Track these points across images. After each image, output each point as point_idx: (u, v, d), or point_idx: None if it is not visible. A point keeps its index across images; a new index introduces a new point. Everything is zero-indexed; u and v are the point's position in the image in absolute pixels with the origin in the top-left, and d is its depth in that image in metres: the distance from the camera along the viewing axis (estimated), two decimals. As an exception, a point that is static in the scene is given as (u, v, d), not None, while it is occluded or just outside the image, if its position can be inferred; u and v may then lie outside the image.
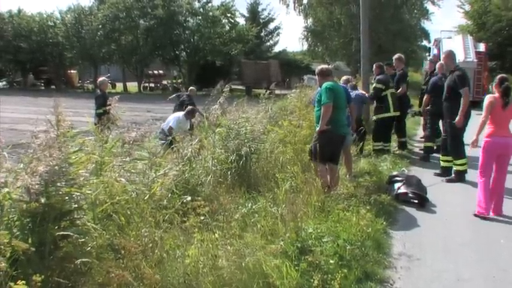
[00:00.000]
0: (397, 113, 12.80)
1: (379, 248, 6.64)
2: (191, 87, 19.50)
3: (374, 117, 13.07)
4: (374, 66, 13.46)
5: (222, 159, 8.86)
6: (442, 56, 11.50)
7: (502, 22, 46.10)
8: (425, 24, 55.44)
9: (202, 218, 6.03)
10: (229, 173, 8.60)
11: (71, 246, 4.78)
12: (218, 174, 8.39)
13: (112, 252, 5.15)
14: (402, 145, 13.61)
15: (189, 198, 6.53)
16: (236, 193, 7.90)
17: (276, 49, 64.17)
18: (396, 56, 14.14)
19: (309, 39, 48.79)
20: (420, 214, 8.48)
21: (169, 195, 6.67)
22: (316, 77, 9.10)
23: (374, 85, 12.91)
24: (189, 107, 13.84)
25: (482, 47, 32.37)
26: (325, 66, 9.38)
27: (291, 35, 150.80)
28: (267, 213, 6.94)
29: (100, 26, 52.26)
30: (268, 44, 63.96)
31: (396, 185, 9.04)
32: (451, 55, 10.72)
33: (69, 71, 58.70)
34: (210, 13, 51.45)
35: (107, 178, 6.01)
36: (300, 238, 6.17)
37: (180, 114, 13.53)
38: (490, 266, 6.15)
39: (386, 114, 12.50)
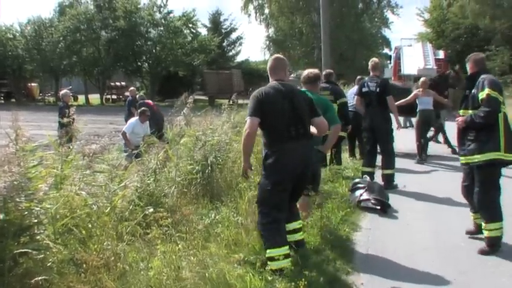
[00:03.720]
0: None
1: (342, 254, 6.66)
2: (131, 88, 19.44)
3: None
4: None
5: (186, 170, 8.84)
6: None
7: (460, 30, 47.12)
8: (386, 33, 56.38)
9: (165, 229, 6.01)
10: (193, 183, 8.58)
11: (31, 262, 4.72)
12: (182, 185, 8.37)
13: (74, 266, 5.10)
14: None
15: (151, 209, 6.51)
16: (200, 203, 7.90)
17: (239, 59, 64.27)
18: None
19: (271, 48, 49.22)
20: (382, 220, 8.56)
21: (131, 207, 6.63)
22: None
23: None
24: (141, 109, 13.70)
25: (441, 54, 32.99)
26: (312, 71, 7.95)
27: (253, 44, 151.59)
28: (230, 223, 6.97)
29: (61, 38, 51.61)
30: (230, 54, 64.03)
31: (358, 192, 9.09)
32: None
33: (29, 84, 57.73)
34: (172, 24, 51.26)
35: (67, 192, 5.95)
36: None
37: (135, 118, 13.43)
38: (451, 269, 6.22)
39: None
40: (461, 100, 7.15)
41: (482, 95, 6.55)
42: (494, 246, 6.66)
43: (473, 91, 6.77)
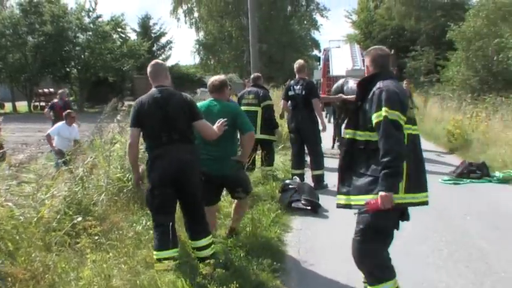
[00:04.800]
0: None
1: (274, 255, 6.71)
2: (60, 90, 19.11)
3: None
4: None
5: (116, 177, 8.75)
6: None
7: (387, 31, 48.20)
8: (315, 35, 57.10)
9: (96, 238, 5.96)
10: (124, 190, 8.50)
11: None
12: (112, 193, 8.28)
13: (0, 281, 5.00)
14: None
15: (80, 218, 6.43)
16: (130, 210, 7.84)
17: (169, 63, 63.75)
18: None
19: (201, 52, 49.13)
20: (313, 220, 8.70)
21: (59, 216, 6.53)
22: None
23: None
24: (67, 111, 13.47)
25: (368, 54, 33.54)
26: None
27: (183, 48, 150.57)
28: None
29: (-15, 44, 50.10)
30: (160, 58, 63.54)
31: (289, 193, 9.21)
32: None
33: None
34: (101, 28, 50.39)
35: (-8, 203, 5.83)
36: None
37: (61, 122, 13.19)
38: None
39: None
40: (349, 115, 5.27)
41: (377, 117, 4.53)
42: None
43: (365, 105, 4.75)
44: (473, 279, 6.17)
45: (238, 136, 6.88)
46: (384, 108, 4.46)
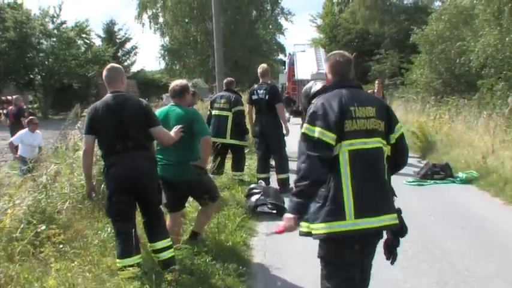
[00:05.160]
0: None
1: (240, 260, 6.71)
2: (16, 96, 18.91)
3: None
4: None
5: (81, 184, 8.66)
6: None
7: (351, 35, 48.65)
8: (281, 39, 57.37)
9: (60, 246, 5.90)
10: (89, 197, 8.42)
11: None
12: (76, 201, 8.19)
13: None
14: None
15: (43, 227, 6.35)
16: (95, 218, 7.77)
17: (134, 69, 63.33)
18: None
19: (166, 57, 48.92)
20: (279, 224, 8.70)
21: (22, 226, 6.44)
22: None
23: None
24: (29, 118, 13.31)
25: (333, 59, 33.78)
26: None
27: (148, 54, 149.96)
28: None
29: None
30: (125, 64, 63.00)
31: (254, 197, 9.21)
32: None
33: None
34: (65, 34, 49.83)
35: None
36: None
37: (24, 129, 13.02)
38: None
39: None
40: None
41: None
42: None
43: None
44: (437, 278, 6.27)
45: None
46: (304, 125, 4.12)
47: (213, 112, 11.39)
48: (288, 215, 4.19)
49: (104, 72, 6.01)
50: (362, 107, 4.11)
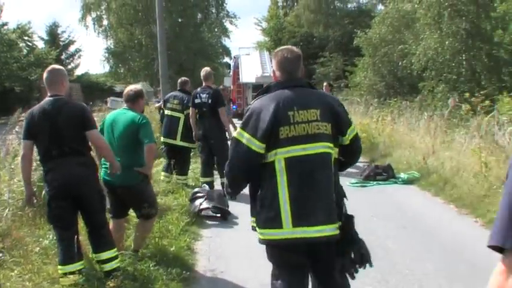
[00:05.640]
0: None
1: (184, 265, 6.69)
2: None
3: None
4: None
5: (20, 190, 8.45)
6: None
7: (296, 38, 48.97)
8: (226, 42, 57.40)
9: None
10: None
11: None
12: (16, 207, 7.99)
13: None
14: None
15: (-21, 236, 6.19)
16: (37, 225, 7.60)
17: (78, 72, 62.33)
18: None
19: (111, 60, 48.32)
20: (223, 227, 8.72)
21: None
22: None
23: None
24: None
25: (278, 61, 33.99)
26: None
27: (92, 57, 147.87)
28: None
29: None
30: (69, 67, 61.98)
31: (198, 201, 9.16)
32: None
33: None
34: (6, 36, 48.73)
35: None
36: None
37: None
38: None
39: None
40: None
41: None
42: None
43: None
44: (379, 278, 6.33)
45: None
46: (238, 128, 4.06)
47: (166, 112, 11.38)
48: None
49: (45, 74, 5.79)
50: (303, 110, 3.88)
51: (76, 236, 5.69)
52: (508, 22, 19.03)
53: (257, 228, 4.06)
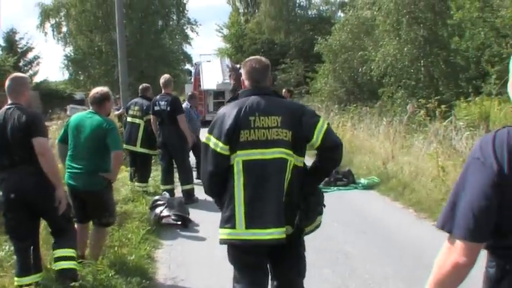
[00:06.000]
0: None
1: (144, 273, 6.64)
2: None
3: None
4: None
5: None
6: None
7: (257, 44, 49.11)
8: (188, 49, 57.16)
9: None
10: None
11: None
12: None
13: None
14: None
15: None
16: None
17: (37, 79, 61.28)
18: None
19: (70, 68, 47.73)
20: (184, 235, 8.68)
21: None
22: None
23: None
24: None
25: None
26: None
27: (51, 64, 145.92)
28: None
29: None
30: (28, 74, 60.94)
31: (158, 209, 9.07)
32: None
33: None
34: (-39, 43, 48.00)
35: None
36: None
37: None
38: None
39: None
40: None
41: None
42: None
43: None
44: (339, 283, 6.40)
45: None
46: (206, 133, 4.24)
47: (127, 119, 11.48)
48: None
49: (6, 82, 5.66)
50: (264, 117, 4.04)
51: (34, 247, 5.60)
52: (464, 29, 19.37)
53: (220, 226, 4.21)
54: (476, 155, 2.23)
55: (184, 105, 12.92)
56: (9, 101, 5.60)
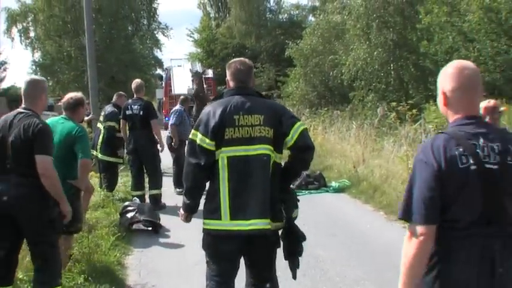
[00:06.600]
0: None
1: (114, 280, 6.59)
2: None
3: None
4: None
5: None
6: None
7: (229, 49, 49.09)
8: (158, 54, 56.83)
9: None
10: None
11: None
12: None
13: None
14: None
15: None
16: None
17: (4, 85, 60.46)
18: None
19: (38, 73, 47.14)
20: (155, 241, 8.60)
21: None
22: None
23: None
24: None
25: (210, 73, 34.14)
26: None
27: (19, 69, 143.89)
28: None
29: None
30: (-5, 80, 60.34)
31: (129, 215, 8.96)
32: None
33: None
34: None
35: None
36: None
37: None
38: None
39: None
40: None
41: None
42: None
43: None
44: (310, 286, 6.42)
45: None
46: (192, 130, 4.43)
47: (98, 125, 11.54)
48: (181, 211, 4.63)
49: (23, 85, 5.44)
50: (248, 115, 4.28)
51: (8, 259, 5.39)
52: (432, 33, 19.59)
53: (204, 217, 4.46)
54: (419, 157, 2.94)
55: (178, 107, 13.06)
56: (23, 105, 5.30)
